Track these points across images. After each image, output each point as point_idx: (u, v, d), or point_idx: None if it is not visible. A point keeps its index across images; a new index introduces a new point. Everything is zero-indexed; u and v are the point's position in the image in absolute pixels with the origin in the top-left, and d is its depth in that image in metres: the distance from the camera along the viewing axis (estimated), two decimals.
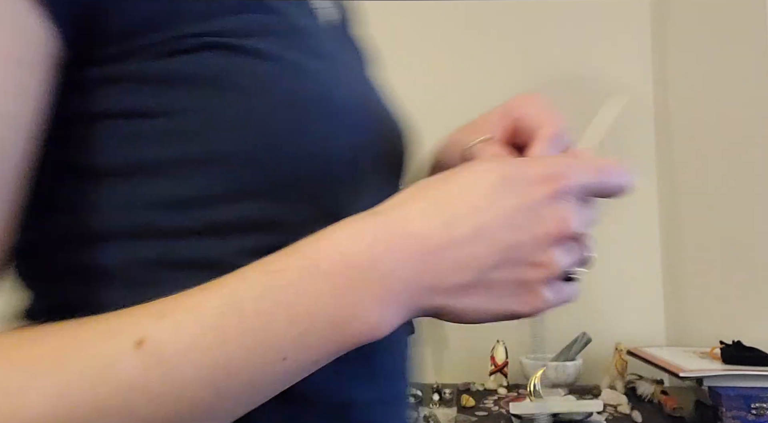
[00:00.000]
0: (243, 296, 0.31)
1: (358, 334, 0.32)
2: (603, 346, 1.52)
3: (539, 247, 0.34)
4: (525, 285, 0.35)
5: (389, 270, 0.32)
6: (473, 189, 0.34)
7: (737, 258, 1.31)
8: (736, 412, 1.00)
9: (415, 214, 0.34)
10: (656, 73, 1.62)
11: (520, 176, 0.35)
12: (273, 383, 0.32)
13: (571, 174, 0.36)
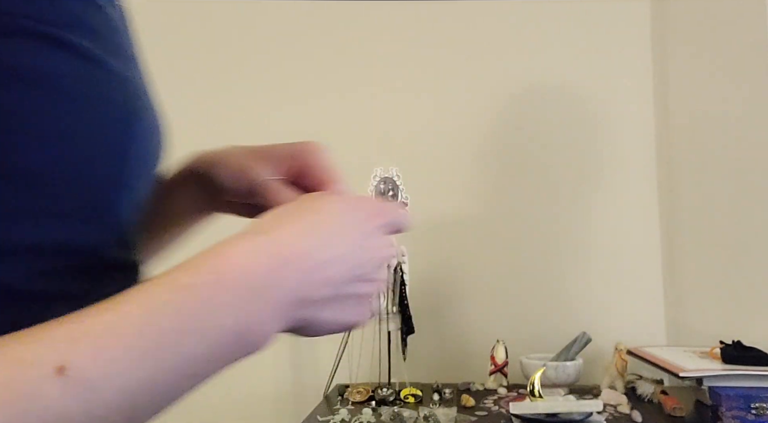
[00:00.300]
0: (158, 314, 0.31)
1: (255, 343, 0.37)
2: (603, 345, 1.52)
3: (375, 266, 0.43)
4: (363, 298, 0.43)
5: (279, 284, 0.36)
6: (336, 218, 0.41)
7: (737, 258, 1.31)
8: (736, 412, 1.00)
9: (295, 236, 0.39)
10: (656, 73, 1.62)
11: (361, 211, 0.43)
12: (182, 394, 0.34)
13: (386, 213, 0.45)
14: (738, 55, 1.29)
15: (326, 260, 0.39)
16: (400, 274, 1.38)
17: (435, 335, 1.61)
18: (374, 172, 1.67)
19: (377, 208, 0.46)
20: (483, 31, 1.68)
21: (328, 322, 0.41)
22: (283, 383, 1.63)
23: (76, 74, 0.35)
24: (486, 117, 1.66)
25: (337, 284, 0.40)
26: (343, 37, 1.70)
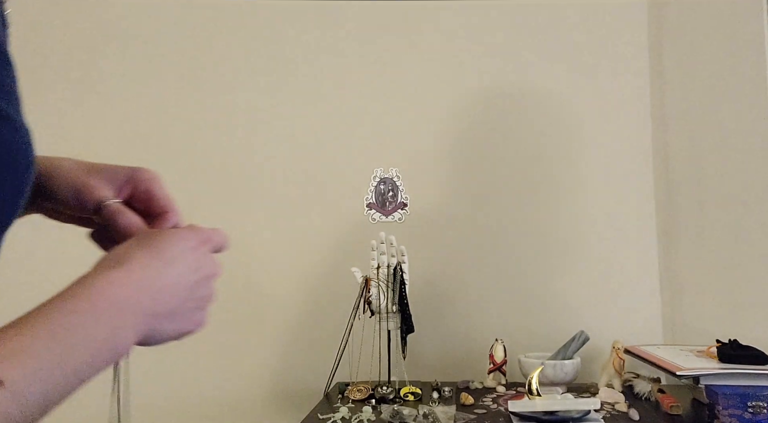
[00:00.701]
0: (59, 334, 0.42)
1: (122, 350, 0.47)
2: (600, 344, 1.53)
3: (207, 283, 0.54)
4: (198, 310, 0.54)
5: (136, 305, 0.47)
6: (172, 249, 0.51)
7: (734, 257, 1.31)
8: (733, 411, 1.01)
9: (144, 267, 0.48)
10: (653, 74, 1.63)
11: (190, 241, 0.53)
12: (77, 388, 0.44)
13: (210, 238, 0.56)
14: (735, 56, 1.30)
15: (169, 284, 0.50)
16: (400, 273, 1.39)
17: (434, 334, 1.62)
18: (374, 172, 1.68)
19: (203, 234, 0.55)
20: (483, 35, 1.69)
21: (171, 330, 0.52)
22: (283, 382, 1.63)
23: None
24: (486, 119, 1.67)
25: (178, 300, 0.51)
26: (343, 38, 1.71)
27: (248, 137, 1.70)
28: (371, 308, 1.38)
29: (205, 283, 0.54)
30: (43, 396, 0.41)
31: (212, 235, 0.56)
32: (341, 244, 1.65)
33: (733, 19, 1.31)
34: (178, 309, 0.52)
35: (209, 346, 1.65)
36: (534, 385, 1.14)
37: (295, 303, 1.65)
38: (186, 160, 1.70)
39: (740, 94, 1.28)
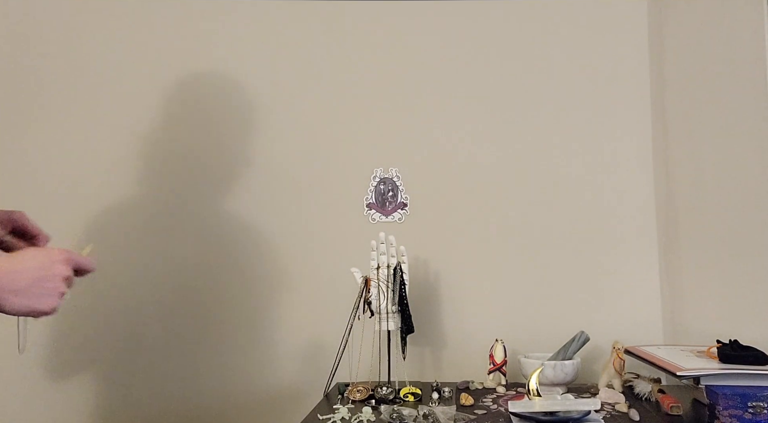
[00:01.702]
0: None
1: None
2: (601, 345, 1.53)
3: (53, 279, 0.79)
4: (47, 296, 0.79)
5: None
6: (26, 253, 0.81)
7: (734, 258, 1.31)
8: (733, 411, 1.01)
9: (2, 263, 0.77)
10: (653, 74, 1.63)
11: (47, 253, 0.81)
12: None
13: (70, 257, 0.83)
14: (734, 56, 1.30)
15: (16, 270, 0.77)
16: (400, 274, 1.39)
17: (434, 334, 1.62)
18: (374, 172, 1.68)
19: (58, 252, 0.82)
20: (483, 35, 1.69)
21: (21, 304, 0.77)
22: (283, 382, 1.63)
23: None
24: (485, 118, 1.67)
25: (24, 285, 0.77)
26: (342, 38, 1.71)
27: (248, 137, 1.70)
28: (371, 308, 1.38)
29: (51, 279, 0.79)
30: None
31: (69, 255, 0.83)
32: (341, 244, 1.65)
33: (733, 19, 1.31)
34: (25, 291, 0.77)
35: (209, 346, 1.65)
36: (534, 386, 1.14)
37: (295, 303, 1.65)
38: (185, 160, 1.70)
39: (740, 94, 1.28)
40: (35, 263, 0.79)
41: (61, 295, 0.80)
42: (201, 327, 1.64)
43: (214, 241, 1.65)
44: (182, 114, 1.70)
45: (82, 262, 0.84)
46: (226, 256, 1.64)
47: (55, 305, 0.80)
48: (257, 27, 1.71)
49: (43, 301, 0.78)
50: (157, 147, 1.69)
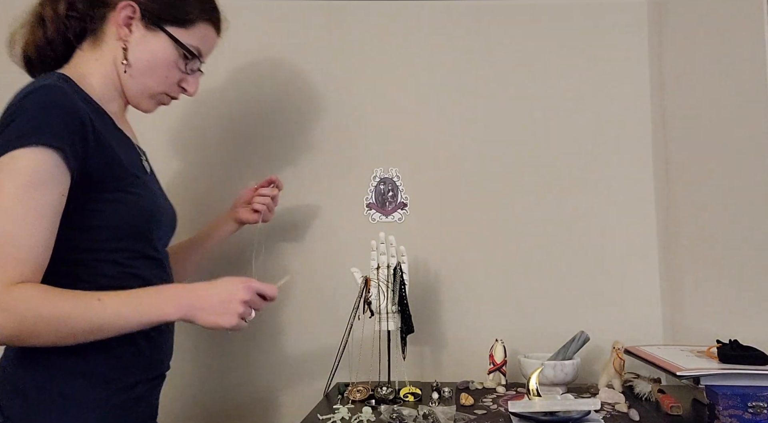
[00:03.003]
0: (134, 294, 0.95)
1: (164, 317, 0.95)
2: (601, 345, 1.53)
3: (235, 304, 0.97)
4: (227, 315, 0.97)
5: (180, 298, 0.96)
6: (219, 281, 1.00)
7: (734, 257, 1.31)
8: (733, 411, 1.01)
9: (197, 284, 1.00)
10: (653, 74, 1.63)
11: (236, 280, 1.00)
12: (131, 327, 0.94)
13: (251, 285, 1.00)
14: (734, 56, 1.30)
15: (206, 294, 0.98)
16: (400, 274, 1.39)
17: (434, 334, 1.62)
18: (374, 172, 1.68)
19: (244, 282, 1.00)
20: (483, 34, 1.69)
21: (207, 320, 0.97)
22: (283, 382, 1.63)
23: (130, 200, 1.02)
24: (485, 118, 1.67)
25: (211, 305, 0.97)
26: (342, 38, 1.71)
27: (247, 137, 1.70)
28: (371, 308, 1.38)
29: (232, 302, 0.98)
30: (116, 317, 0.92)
31: (254, 285, 1.00)
32: (341, 244, 1.65)
33: (733, 19, 1.31)
34: (211, 309, 0.97)
35: (209, 346, 1.65)
36: (534, 386, 1.14)
37: (295, 302, 1.65)
38: (185, 159, 1.70)
39: (740, 94, 1.28)
40: (222, 289, 0.98)
41: (239, 315, 0.97)
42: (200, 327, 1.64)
43: None
44: (178, 112, 1.70)
45: (263, 289, 1.01)
46: (226, 255, 1.64)
47: (234, 323, 0.97)
48: (257, 26, 1.71)
49: (224, 319, 0.97)
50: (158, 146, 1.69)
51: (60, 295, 0.89)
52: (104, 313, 0.90)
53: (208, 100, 1.70)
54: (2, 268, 0.86)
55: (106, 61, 1.07)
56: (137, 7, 1.05)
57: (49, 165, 0.90)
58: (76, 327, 0.89)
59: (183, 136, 1.70)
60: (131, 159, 1.06)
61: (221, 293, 0.97)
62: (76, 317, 0.89)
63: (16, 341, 0.88)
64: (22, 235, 0.88)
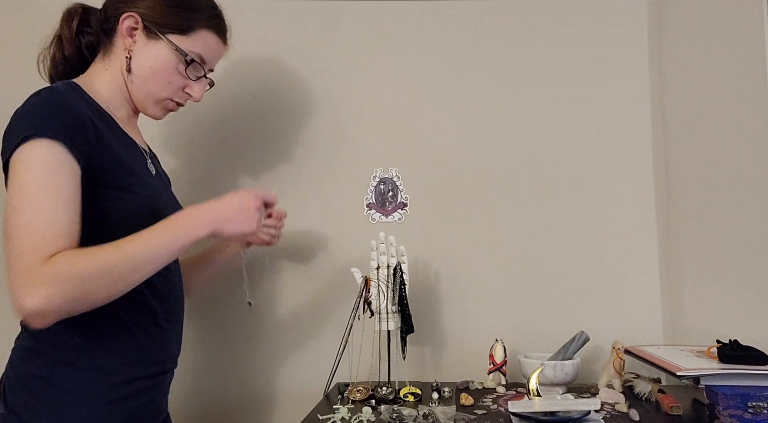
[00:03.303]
0: (159, 226, 0.99)
1: (195, 237, 1.00)
2: (601, 344, 1.53)
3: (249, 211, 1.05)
4: (246, 223, 1.05)
5: (204, 215, 1.02)
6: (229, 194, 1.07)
7: (734, 257, 1.31)
8: (733, 411, 1.01)
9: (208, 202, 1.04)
10: (653, 74, 1.63)
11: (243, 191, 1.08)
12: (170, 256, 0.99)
13: (258, 193, 1.09)
14: (734, 56, 1.30)
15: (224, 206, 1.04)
16: (400, 273, 1.39)
17: (434, 334, 1.62)
18: (374, 172, 1.68)
19: (252, 191, 1.08)
20: (483, 34, 1.69)
21: (231, 230, 1.04)
22: (283, 382, 1.63)
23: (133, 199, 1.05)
24: (485, 118, 1.67)
25: (230, 215, 1.04)
26: (342, 37, 1.71)
27: (247, 137, 1.70)
28: (371, 308, 1.38)
29: (248, 209, 1.05)
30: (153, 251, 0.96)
31: (257, 192, 1.08)
32: (341, 244, 1.65)
33: (733, 19, 1.31)
34: (233, 219, 1.04)
35: (208, 346, 1.65)
36: (534, 386, 1.14)
37: (295, 303, 1.65)
38: (184, 159, 1.70)
39: (740, 94, 1.28)
40: (236, 200, 1.05)
41: (257, 221, 1.06)
42: (200, 327, 1.64)
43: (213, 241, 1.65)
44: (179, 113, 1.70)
45: (268, 197, 1.11)
46: None
47: (255, 227, 1.06)
48: (256, 26, 1.71)
49: (246, 226, 1.05)
50: (158, 146, 1.69)
51: (95, 249, 0.93)
52: (141, 250, 0.95)
53: (207, 100, 1.70)
54: (41, 245, 0.89)
55: (115, 70, 1.13)
56: (139, 18, 1.11)
57: (56, 154, 0.94)
58: (122, 270, 0.93)
59: (182, 136, 1.71)
60: (135, 160, 1.11)
61: (237, 203, 1.04)
62: (118, 262, 0.93)
63: (77, 305, 0.90)
64: (52, 215, 0.91)
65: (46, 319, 0.89)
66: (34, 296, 0.86)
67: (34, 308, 0.87)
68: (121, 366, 1.04)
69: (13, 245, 0.90)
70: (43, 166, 0.93)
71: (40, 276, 0.87)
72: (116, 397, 1.02)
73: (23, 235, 0.90)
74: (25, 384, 0.99)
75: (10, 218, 0.91)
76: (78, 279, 0.89)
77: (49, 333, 0.99)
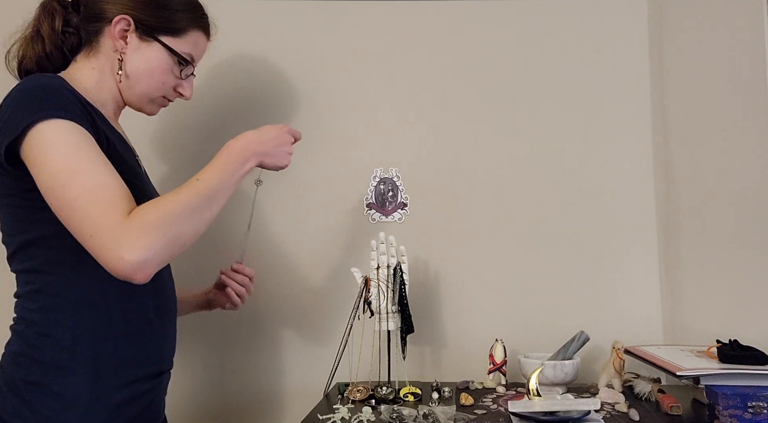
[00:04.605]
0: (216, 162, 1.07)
1: (248, 168, 1.09)
2: (601, 344, 1.53)
3: (284, 146, 1.17)
4: (282, 157, 1.17)
5: (249, 148, 1.10)
6: (267, 127, 1.17)
7: (734, 257, 1.31)
8: (733, 411, 1.01)
9: (251, 133, 1.13)
10: (653, 74, 1.63)
11: (276, 126, 1.19)
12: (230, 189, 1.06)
13: (290, 129, 1.20)
14: (734, 55, 1.30)
15: (264, 140, 1.13)
16: (400, 273, 1.39)
17: (434, 334, 1.62)
18: (374, 172, 1.68)
19: (283, 126, 1.18)
20: (483, 34, 1.69)
21: (272, 163, 1.14)
22: (284, 382, 1.63)
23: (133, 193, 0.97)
24: (485, 118, 1.67)
25: (271, 149, 1.13)
26: (342, 37, 1.71)
27: None
28: (371, 308, 1.38)
29: (284, 144, 1.16)
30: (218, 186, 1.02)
31: (289, 128, 1.19)
32: (341, 244, 1.65)
33: (733, 19, 1.31)
34: (272, 153, 1.13)
35: (209, 346, 1.65)
36: (534, 386, 1.14)
37: (295, 303, 1.65)
38: (184, 159, 1.70)
39: (740, 94, 1.28)
40: (274, 135, 1.14)
41: (290, 154, 1.17)
42: (200, 327, 1.64)
43: (213, 241, 1.65)
44: (180, 112, 1.70)
45: (296, 132, 1.21)
46: (226, 255, 1.64)
47: (288, 162, 1.17)
48: (257, 25, 1.71)
49: (283, 159, 1.16)
50: (159, 146, 1.69)
51: (170, 195, 0.97)
52: (210, 185, 1.00)
53: (206, 100, 1.70)
54: (116, 204, 0.91)
55: (103, 70, 1.12)
56: (131, 20, 1.10)
57: (75, 129, 0.94)
58: (201, 206, 0.97)
59: (182, 136, 1.71)
60: (128, 154, 1.11)
61: (275, 139, 1.14)
62: (195, 199, 0.97)
63: (173, 249, 0.93)
64: (104, 178, 0.93)
65: (149, 270, 0.90)
66: (133, 248, 0.87)
67: (135, 261, 0.87)
68: (115, 369, 1.00)
69: (84, 214, 0.89)
70: (69, 141, 0.92)
71: (131, 228, 0.88)
72: (113, 403, 0.99)
73: (90, 200, 0.89)
74: (16, 390, 0.95)
75: (64, 197, 0.90)
76: (167, 222, 0.92)
77: (38, 335, 0.97)
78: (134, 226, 0.89)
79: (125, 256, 0.87)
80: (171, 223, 0.92)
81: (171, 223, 0.92)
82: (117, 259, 0.87)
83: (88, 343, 0.98)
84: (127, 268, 0.88)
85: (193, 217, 0.96)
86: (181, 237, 0.93)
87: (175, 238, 0.92)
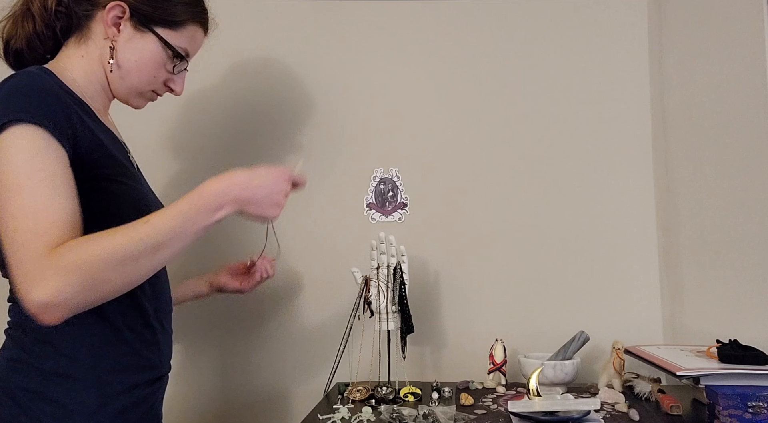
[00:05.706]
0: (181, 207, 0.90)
1: (219, 218, 0.92)
2: (601, 344, 1.53)
3: (278, 195, 0.99)
4: (272, 207, 0.98)
5: (228, 192, 0.93)
6: (260, 170, 0.98)
7: (734, 257, 1.31)
8: (733, 411, 1.01)
9: (238, 174, 0.96)
10: (653, 74, 1.63)
11: (275, 170, 1.01)
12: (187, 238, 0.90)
13: (291, 175, 1.03)
14: (734, 55, 1.30)
15: (252, 185, 0.96)
16: (400, 274, 1.39)
17: (434, 334, 1.62)
18: (374, 172, 1.68)
19: (284, 170, 1.02)
20: (483, 34, 1.69)
21: (255, 212, 0.97)
22: (284, 382, 1.63)
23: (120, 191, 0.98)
24: (485, 117, 1.67)
25: (258, 197, 0.96)
26: (342, 37, 1.71)
27: (247, 137, 1.70)
28: (371, 308, 1.38)
29: (278, 193, 0.99)
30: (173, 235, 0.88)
31: (291, 174, 1.03)
32: (341, 244, 1.65)
33: (733, 19, 1.31)
34: (258, 202, 0.96)
35: (209, 346, 1.65)
36: (534, 386, 1.14)
37: (295, 303, 1.65)
38: (184, 158, 1.70)
39: (740, 93, 1.28)
40: (268, 179, 0.98)
41: (282, 206, 1.01)
42: (200, 327, 1.64)
43: (213, 241, 1.65)
44: (179, 114, 1.70)
45: (298, 178, 1.05)
46: (226, 255, 1.64)
47: (277, 214, 1.00)
48: (256, 25, 1.71)
49: (270, 210, 0.99)
50: (160, 145, 1.69)
51: (106, 234, 0.86)
52: (157, 232, 0.87)
53: (206, 100, 1.70)
54: (44, 234, 0.83)
55: (92, 58, 1.05)
56: (126, 8, 1.04)
57: (41, 139, 0.87)
58: (136, 255, 0.85)
59: (182, 136, 1.71)
60: (118, 151, 1.05)
61: (267, 187, 0.97)
62: (132, 246, 0.85)
63: (91, 297, 0.84)
64: (47, 202, 0.84)
65: (58, 313, 0.82)
66: (42, 288, 0.80)
67: (40, 301, 0.80)
68: (115, 374, 0.97)
69: (10, 239, 0.83)
70: (25, 152, 0.85)
71: (46, 266, 0.80)
72: (117, 409, 0.96)
73: (19, 225, 0.83)
74: (14, 398, 0.92)
75: (1, 214, 0.84)
76: (89, 266, 0.82)
77: (36, 341, 0.94)
78: (51, 264, 0.81)
79: (32, 293, 0.80)
80: (93, 268, 0.83)
81: (93, 268, 0.83)
82: (24, 294, 0.81)
83: (88, 349, 0.95)
84: (32, 307, 0.81)
85: (125, 266, 0.85)
86: (105, 284, 0.84)
87: (95, 284, 0.83)
